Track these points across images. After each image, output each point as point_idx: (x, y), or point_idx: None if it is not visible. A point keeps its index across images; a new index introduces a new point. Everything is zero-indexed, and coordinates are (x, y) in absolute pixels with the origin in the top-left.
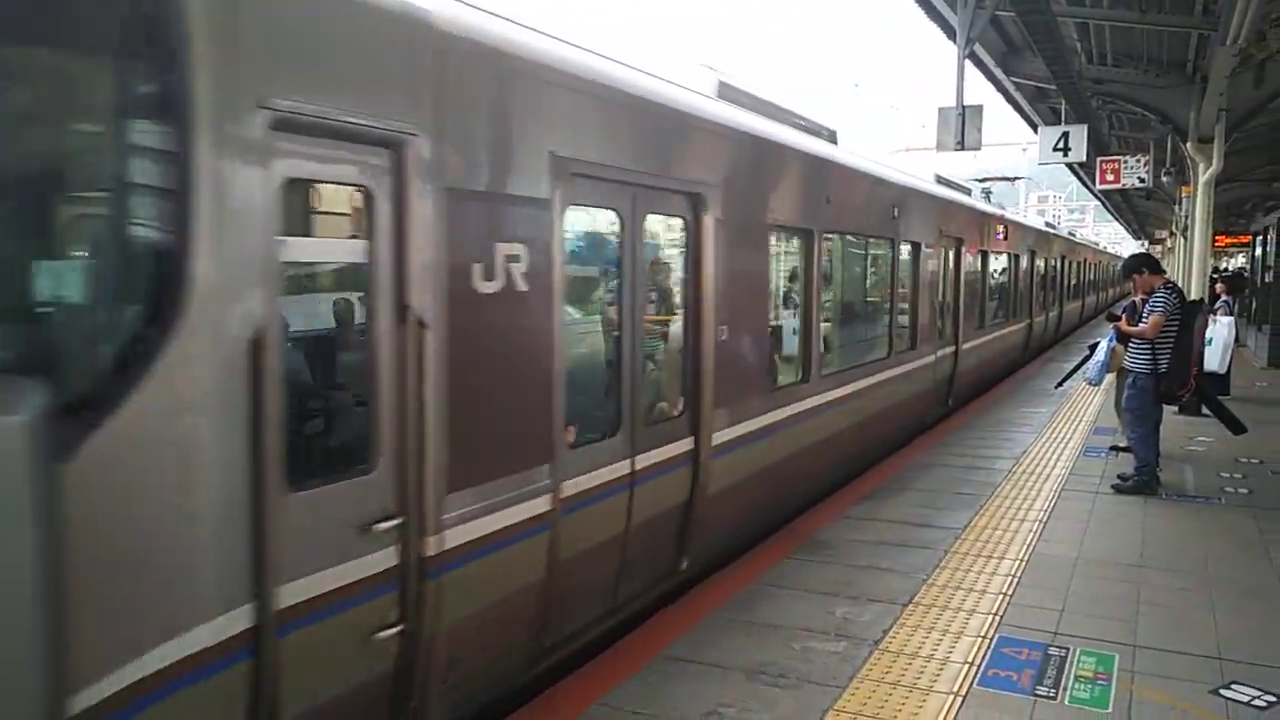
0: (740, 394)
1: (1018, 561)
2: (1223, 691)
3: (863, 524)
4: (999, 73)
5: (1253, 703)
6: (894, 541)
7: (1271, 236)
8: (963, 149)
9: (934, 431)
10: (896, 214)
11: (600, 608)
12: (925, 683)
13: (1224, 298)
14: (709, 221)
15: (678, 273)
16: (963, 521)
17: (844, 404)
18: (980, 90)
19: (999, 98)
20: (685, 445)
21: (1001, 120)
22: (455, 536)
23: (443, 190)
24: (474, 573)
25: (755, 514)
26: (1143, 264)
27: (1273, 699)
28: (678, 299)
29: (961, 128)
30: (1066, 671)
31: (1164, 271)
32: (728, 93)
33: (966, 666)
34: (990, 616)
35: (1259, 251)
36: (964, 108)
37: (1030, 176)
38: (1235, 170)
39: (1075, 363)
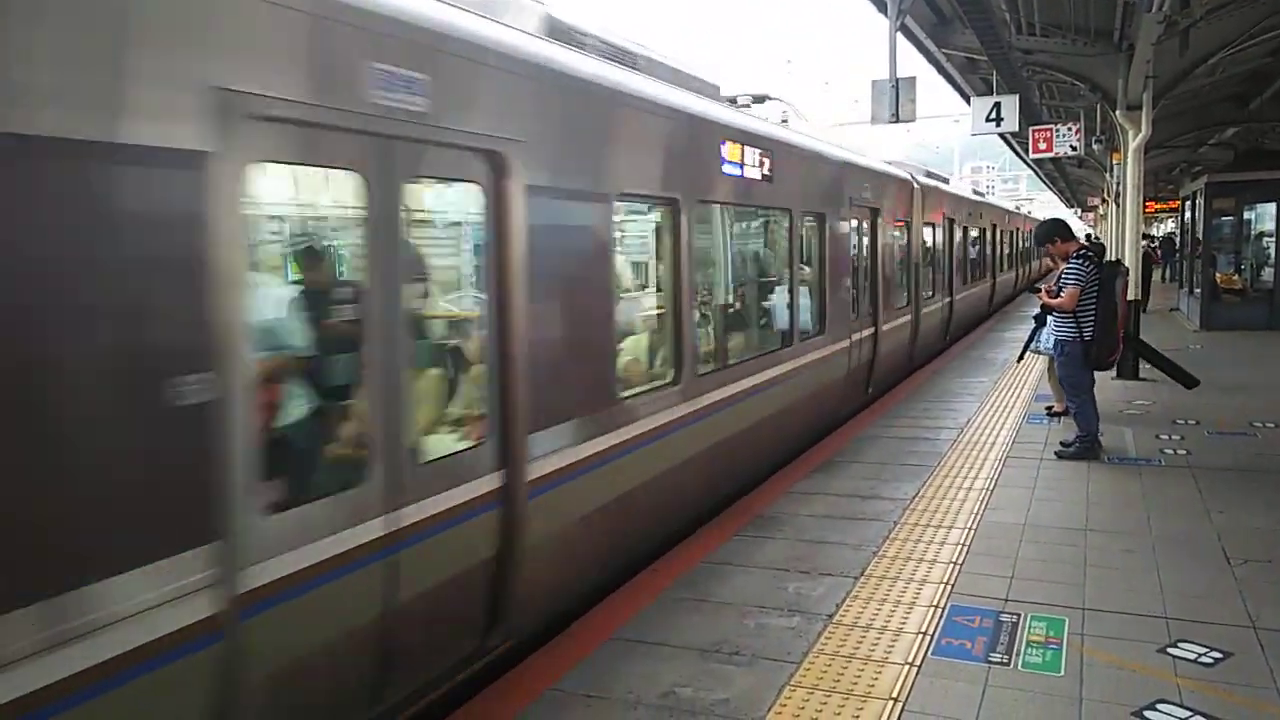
0: None
1: (966, 530)
2: (1170, 650)
3: (810, 498)
4: (930, 45)
5: (1200, 660)
6: (843, 515)
7: (1199, 201)
8: (898, 121)
9: (881, 402)
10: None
11: None
12: (880, 654)
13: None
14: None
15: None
16: (910, 492)
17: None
18: (912, 63)
19: (931, 70)
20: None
21: (934, 92)
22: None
23: None
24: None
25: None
26: (1054, 232)
27: (1219, 655)
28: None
29: (895, 100)
30: (1018, 637)
31: (1074, 238)
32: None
33: (920, 637)
34: (941, 586)
35: (1188, 216)
36: (897, 80)
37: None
38: (1163, 136)
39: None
